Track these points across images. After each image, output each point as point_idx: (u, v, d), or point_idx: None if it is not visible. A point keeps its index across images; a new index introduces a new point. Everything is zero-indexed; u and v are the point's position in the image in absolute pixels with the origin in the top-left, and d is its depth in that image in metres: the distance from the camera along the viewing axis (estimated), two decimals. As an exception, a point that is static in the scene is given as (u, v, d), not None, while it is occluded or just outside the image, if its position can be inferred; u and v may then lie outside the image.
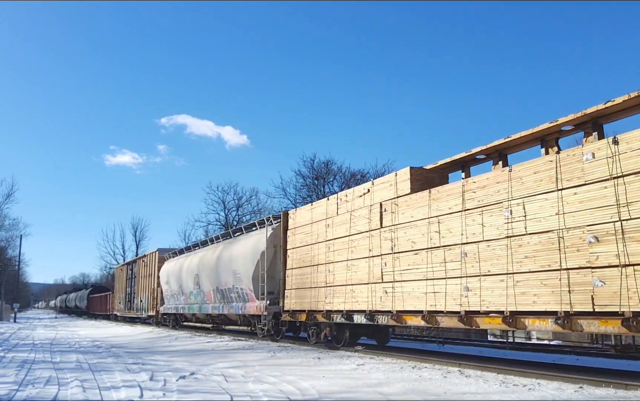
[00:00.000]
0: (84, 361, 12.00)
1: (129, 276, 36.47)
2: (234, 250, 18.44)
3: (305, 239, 14.42)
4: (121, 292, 38.53)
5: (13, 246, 61.66)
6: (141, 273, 32.34)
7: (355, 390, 7.47)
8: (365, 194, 12.47)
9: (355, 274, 12.13)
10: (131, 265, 36.52)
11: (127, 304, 36.01)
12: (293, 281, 14.85)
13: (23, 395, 7.34)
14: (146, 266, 31.19)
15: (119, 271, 41.36)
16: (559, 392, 6.94)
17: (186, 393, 7.33)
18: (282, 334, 16.02)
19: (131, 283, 35.43)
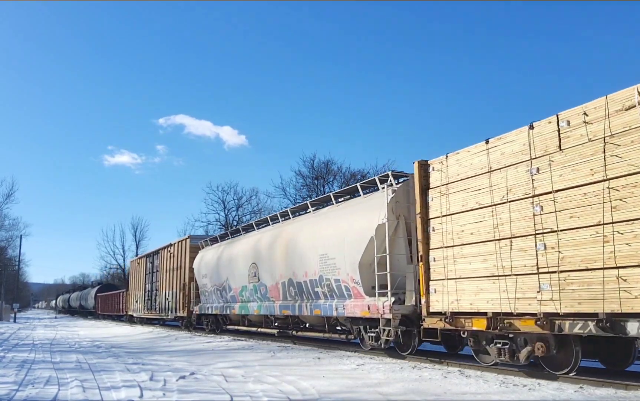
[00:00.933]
0: (84, 361, 12.00)
1: (148, 270, 30.53)
2: (322, 227, 13.50)
3: (474, 199, 9.16)
4: (138, 289, 32.83)
5: (13, 246, 61.59)
6: (166, 266, 26.64)
7: (355, 390, 7.47)
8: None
9: (625, 247, 6.78)
10: (151, 257, 30.32)
11: (146, 304, 30.38)
12: (448, 266, 9.52)
13: (23, 395, 7.34)
14: (173, 257, 25.57)
15: (135, 265, 34.89)
16: (559, 392, 6.94)
17: (186, 393, 7.33)
18: (413, 347, 10.89)
19: (152, 278, 29.60)
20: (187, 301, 22.91)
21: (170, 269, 25.62)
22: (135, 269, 35.13)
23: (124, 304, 38.85)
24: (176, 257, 24.99)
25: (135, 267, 34.92)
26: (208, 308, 20.68)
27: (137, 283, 33.51)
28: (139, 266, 33.48)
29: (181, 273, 23.97)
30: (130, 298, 35.63)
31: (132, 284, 35.64)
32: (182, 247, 24.35)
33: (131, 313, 35.03)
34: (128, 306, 36.45)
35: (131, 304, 35.11)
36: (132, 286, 35.46)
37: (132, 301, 34.98)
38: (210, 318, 21.22)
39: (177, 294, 24.21)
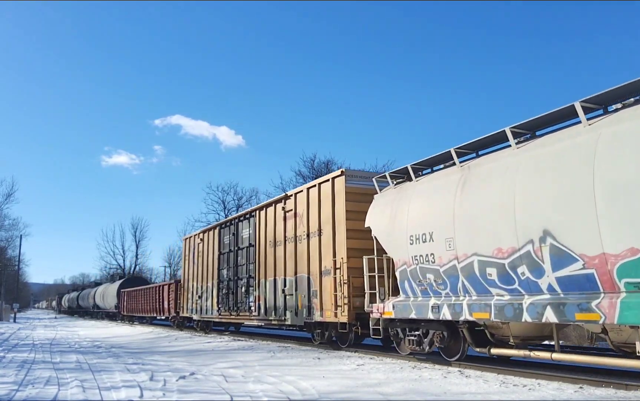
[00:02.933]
0: (84, 361, 12.00)
1: (226, 247, 19.57)
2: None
3: None
4: (202, 279, 22.15)
5: (13, 246, 61.62)
6: (275, 234, 15.88)
7: (355, 390, 7.46)
8: None
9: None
10: (234, 225, 19.01)
11: (223, 300, 19.38)
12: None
13: (23, 395, 7.34)
14: (297, 218, 14.74)
15: (195, 243, 23.64)
16: (559, 392, 6.94)
17: (186, 393, 7.33)
18: None
19: (235, 258, 18.62)
20: (347, 295, 12.06)
21: (289, 238, 14.91)
22: (193, 251, 23.88)
23: (169, 302, 27.59)
24: (304, 215, 14.17)
25: (195, 247, 23.51)
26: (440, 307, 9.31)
27: (198, 270, 22.67)
28: (202, 245, 22.39)
29: (326, 241, 13.11)
30: (186, 293, 24.65)
31: (187, 272, 24.52)
32: (326, 193, 13.27)
33: (187, 314, 24.35)
34: (181, 305, 25.44)
35: (186, 302, 24.41)
36: (187, 276, 24.36)
37: (188, 297, 24.23)
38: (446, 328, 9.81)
39: (317, 281, 13.32)
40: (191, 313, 23.69)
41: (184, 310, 24.86)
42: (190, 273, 24.02)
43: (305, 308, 13.81)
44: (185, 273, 25.05)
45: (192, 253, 23.94)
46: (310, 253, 13.78)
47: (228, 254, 19.36)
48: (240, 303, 17.96)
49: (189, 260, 24.46)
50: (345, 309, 11.95)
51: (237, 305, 18.18)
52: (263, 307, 16.27)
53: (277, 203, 15.85)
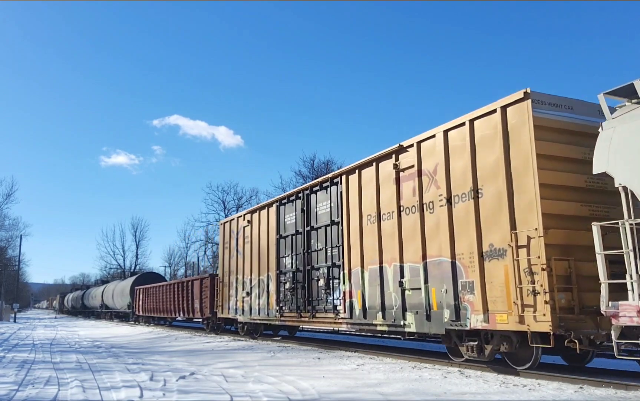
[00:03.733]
0: (84, 361, 12.00)
1: (290, 229, 15.16)
2: None
3: None
4: (252, 272, 17.29)
5: (13, 246, 61.65)
6: (380, 205, 11.42)
7: (355, 390, 7.46)
8: None
9: None
10: (303, 197, 14.58)
11: (290, 300, 14.77)
12: None
13: (23, 395, 7.34)
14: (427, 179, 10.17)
15: (239, 226, 18.75)
16: (559, 392, 6.94)
17: (186, 393, 7.32)
18: None
19: (305, 242, 14.24)
20: (548, 288, 7.65)
21: (408, 208, 10.53)
22: (236, 237, 18.84)
23: (202, 301, 22.80)
24: (440, 171, 9.80)
25: (239, 232, 18.61)
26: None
27: (245, 260, 17.93)
28: (250, 228, 17.60)
29: (492, 205, 8.75)
30: (226, 289, 19.69)
31: (227, 264, 19.70)
32: (486, 132, 8.98)
33: (228, 314, 19.45)
34: (219, 304, 20.40)
35: (226, 301, 19.60)
36: (228, 268, 19.56)
37: (229, 294, 19.35)
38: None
39: (472, 268, 9.01)
40: (234, 313, 18.57)
41: (224, 310, 19.78)
42: (233, 265, 18.87)
43: (449, 309, 9.33)
44: (224, 266, 19.86)
45: (235, 240, 18.81)
46: (454, 227, 9.34)
47: (293, 237, 14.71)
48: (317, 300, 13.39)
49: (230, 249, 19.33)
50: (547, 311, 7.52)
51: (312, 304, 13.59)
52: (359, 306, 11.63)
53: (380, 161, 11.37)
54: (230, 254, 19.39)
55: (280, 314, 15.22)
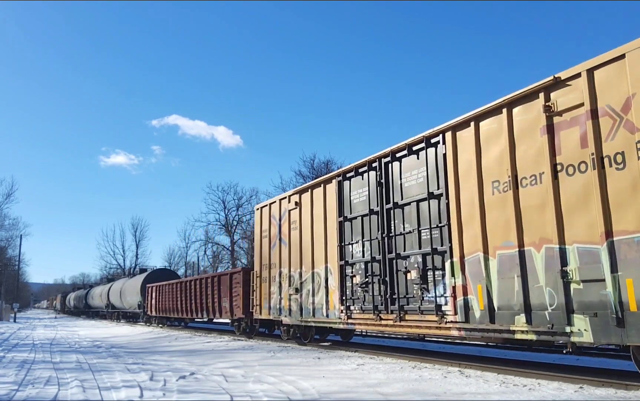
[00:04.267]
0: (84, 361, 12.00)
1: (358, 209, 12.19)
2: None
3: None
4: (303, 264, 14.27)
5: (13, 246, 61.74)
6: (517, 168, 8.35)
7: (355, 390, 7.46)
8: None
9: None
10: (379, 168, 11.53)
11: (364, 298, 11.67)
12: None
13: (23, 395, 7.34)
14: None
15: (283, 209, 15.65)
16: (559, 392, 6.94)
17: (186, 393, 7.32)
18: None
19: (383, 224, 11.20)
20: None
21: (575, 166, 7.54)
22: (278, 223, 15.73)
23: (233, 299, 19.29)
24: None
25: (283, 216, 15.49)
26: None
27: (291, 249, 14.80)
28: (299, 211, 14.59)
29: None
30: (265, 285, 16.31)
31: (266, 256, 16.38)
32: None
33: (269, 315, 16.00)
34: (256, 303, 16.97)
35: (265, 299, 16.22)
36: (268, 261, 16.21)
37: (269, 291, 16.01)
38: None
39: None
40: (277, 314, 15.24)
41: (262, 310, 16.36)
42: (274, 256, 15.72)
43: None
44: (261, 257, 16.60)
45: (277, 227, 15.64)
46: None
47: (365, 218, 11.82)
48: (407, 298, 10.43)
49: (270, 237, 16.04)
50: None
51: (398, 303, 10.50)
52: (480, 306, 8.79)
53: (514, 105, 8.45)
54: (271, 243, 16.04)
55: (348, 315, 12.00)
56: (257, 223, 17.27)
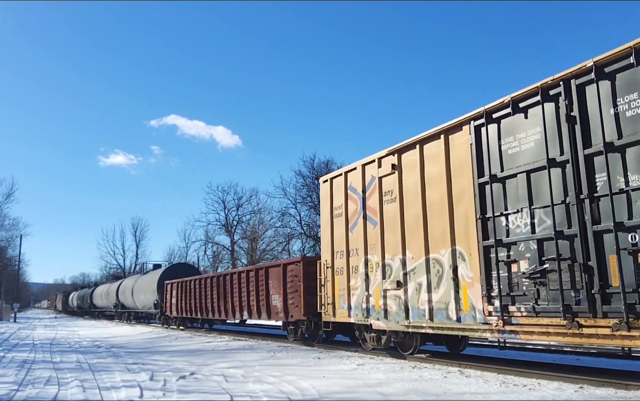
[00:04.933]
0: (84, 361, 12.00)
1: (533, 159, 8.09)
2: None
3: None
4: (406, 249, 10.65)
5: (13, 246, 61.73)
6: None
7: (355, 390, 7.46)
8: None
9: None
10: (586, 83, 7.45)
11: (530, 293, 7.99)
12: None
13: (23, 395, 7.34)
14: None
15: (368, 177, 12.00)
16: (559, 392, 6.94)
17: (186, 393, 7.33)
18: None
19: (577, 177, 7.48)
20: None
21: None
22: (360, 197, 12.31)
23: (288, 296, 15.53)
24: None
25: (369, 187, 12.01)
26: None
27: (385, 230, 11.38)
28: (395, 178, 11.16)
29: None
30: (342, 278, 12.71)
31: (340, 241, 12.97)
32: None
33: (349, 317, 12.28)
34: (331, 300, 13.05)
35: (347, 296, 12.42)
36: (345, 247, 12.71)
37: (354, 285, 12.26)
38: None
39: None
40: (364, 315, 11.65)
41: (335, 310, 12.76)
42: (356, 240, 12.22)
43: None
44: (333, 243, 13.09)
45: (360, 202, 12.18)
46: None
47: (537, 174, 8.12)
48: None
49: (348, 216, 12.61)
50: None
51: (625, 300, 6.70)
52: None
53: None
54: (349, 223, 12.52)
55: (504, 319, 8.37)
56: (325, 199, 13.73)
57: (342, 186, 12.97)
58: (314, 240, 38.82)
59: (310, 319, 14.39)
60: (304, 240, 39.36)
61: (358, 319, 11.96)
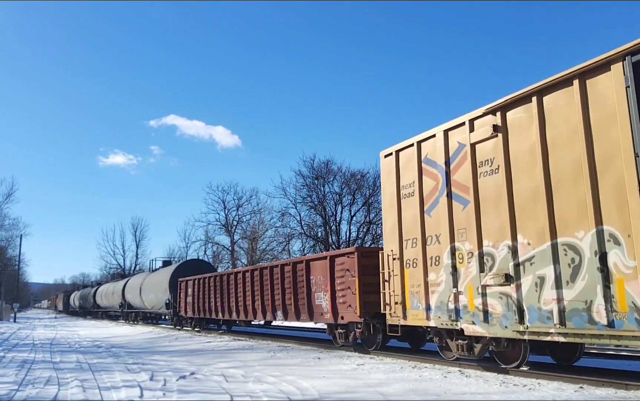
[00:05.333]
0: (84, 361, 12.00)
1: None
2: None
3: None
4: (516, 235, 8.34)
5: (13, 246, 61.73)
6: None
7: (355, 390, 7.46)
8: None
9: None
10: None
11: None
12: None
13: (23, 395, 7.34)
14: None
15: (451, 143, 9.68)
16: (559, 392, 6.94)
17: (186, 393, 7.33)
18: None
19: None
20: None
21: None
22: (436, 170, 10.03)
23: (337, 294, 13.06)
24: None
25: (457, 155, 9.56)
26: None
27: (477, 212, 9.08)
28: (500, 141, 8.75)
29: None
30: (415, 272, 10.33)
31: (410, 226, 10.63)
32: None
33: (429, 319, 9.84)
34: (400, 299, 10.58)
35: (424, 294, 9.96)
36: (420, 232, 10.27)
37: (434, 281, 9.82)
38: None
39: None
40: (450, 318, 9.41)
41: (406, 311, 10.50)
42: (435, 224, 9.99)
43: None
44: (402, 229, 10.85)
45: (440, 176, 9.92)
46: None
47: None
48: None
49: (421, 196, 10.40)
50: None
51: None
52: None
53: None
54: (426, 205, 10.21)
55: None
56: (388, 176, 11.40)
57: (413, 159, 10.62)
58: (314, 240, 38.84)
59: (367, 321, 12.03)
60: (304, 240, 39.39)
61: (441, 323, 9.57)
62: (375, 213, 37.45)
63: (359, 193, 38.33)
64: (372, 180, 37.56)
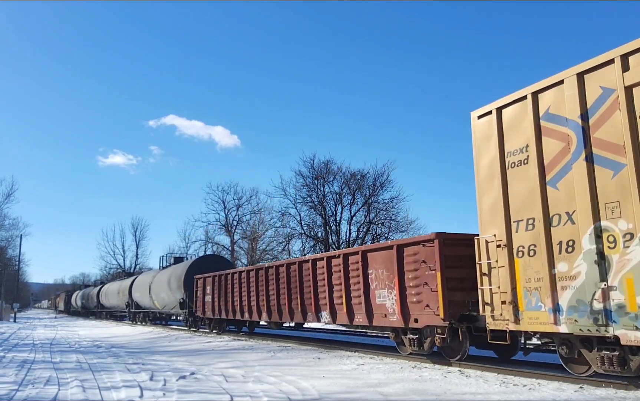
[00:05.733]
0: (84, 361, 12.00)
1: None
2: None
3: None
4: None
5: (13, 246, 61.70)
6: None
7: (355, 390, 7.46)
8: None
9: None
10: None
11: None
12: None
13: (23, 395, 7.34)
14: None
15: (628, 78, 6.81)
16: (559, 392, 6.94)
17: (186, 393, 7.33)
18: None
19: None
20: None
21: None
22: (578, 117, 7.49)
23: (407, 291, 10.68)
24: None
25: (613, 96, 7.10)
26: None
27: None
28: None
29: None
30: (532, 263, 8.03)
31: (522, 204, 8.29)
32: None
33: (555, 324, 7.56)
34: (510, 298, 8.29)
35: (550, 290, 7.66)
36: (541, 212, 7.91)
37: (563, 272, 7.55)
38: None
39: None
40: (595, 322, 7.02)
41: (515, 311, 8.23)
42: (564, 199, 7.67)
43: None
44: (509, 207, 8.54)
45: (573, 137, 7.61)
46: None
47: None
48: None
49: (538, 163, 8.10)
50: None
51: None
52: None
53: None
54: (550, 174, 7.95)
55: None
56: (485, 143, 9.15)
57: (525, 116, 8.38)
58: (314, 240, 38.81)
59: (452, 325, 9.79)
60: (304, 240, 39.36)
61: (580, 328, 7.27)
62: (375, 212, 37.42)
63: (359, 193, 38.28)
64: (372, 180, 37.55)
